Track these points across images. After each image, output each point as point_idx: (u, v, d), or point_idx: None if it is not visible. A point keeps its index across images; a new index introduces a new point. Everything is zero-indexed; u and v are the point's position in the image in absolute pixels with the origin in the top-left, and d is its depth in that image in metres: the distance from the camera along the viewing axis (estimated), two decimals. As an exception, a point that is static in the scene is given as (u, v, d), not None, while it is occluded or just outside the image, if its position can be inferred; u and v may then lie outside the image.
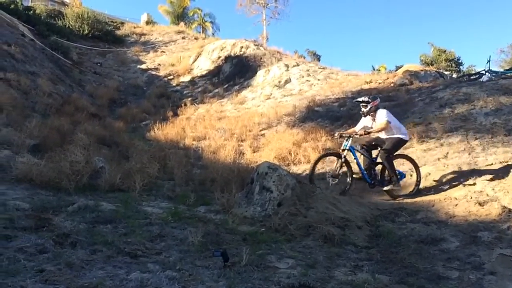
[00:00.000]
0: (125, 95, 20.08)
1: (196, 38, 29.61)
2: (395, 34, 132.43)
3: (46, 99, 13.46)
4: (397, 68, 25.39)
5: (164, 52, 26.62)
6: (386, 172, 7.57)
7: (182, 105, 17.45)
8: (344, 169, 7.46)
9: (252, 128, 12.59)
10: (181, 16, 39.83)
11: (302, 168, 9.20)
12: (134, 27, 32.34)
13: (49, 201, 5.98)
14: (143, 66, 24.19)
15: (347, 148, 7.41)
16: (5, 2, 25.09)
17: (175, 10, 39.62)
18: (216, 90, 19.41)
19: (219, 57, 22.52)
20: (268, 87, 17.64)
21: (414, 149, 9.16)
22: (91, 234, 4.80)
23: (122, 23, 32.97)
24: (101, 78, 22.12)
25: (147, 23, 35.71)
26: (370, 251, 5.05)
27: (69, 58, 22.44)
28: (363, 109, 7.50)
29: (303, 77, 17.98)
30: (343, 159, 7.32)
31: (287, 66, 19.09)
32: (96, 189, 7.06)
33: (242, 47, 22.45)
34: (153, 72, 23.32)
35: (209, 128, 13.12)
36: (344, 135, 7.72)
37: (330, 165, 8.36)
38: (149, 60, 25.14)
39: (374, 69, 31.31)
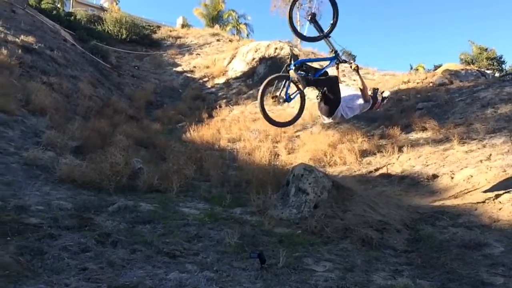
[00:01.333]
0: (162, 98, 20.44)
1: (230, 40, 29.79)
2: (433, 33, 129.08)
3: (86, 102, 13.88)
4: (436, 67, 24.69)
5: (199, 54, 26.93)
6: None
7: (217, 107, 17.60)
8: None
9: (286, 130, 12.53)
10: (215, 18, 40.19)
11: (338, 170, 9.11)
12: (170, 31, 32.88)
13: (91, 201, 6.17)
14: (179, 69, 24.55)
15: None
16: (47, 9, 26.10)
17: (209, 13, 40.03)
18: (251, 92, 19.45)
19: (253, 59, 22.56)
20: (303, 88, 17.52)
21: (454, 151, 8.89)
22: (131, 234, 4.92)
23: (159, 27, 33.57)
24: (139, 81, 22.61)
25: (183, 26, 36.26)
26: (410, 256, 4.93)
27: (108, 62, 23.05)
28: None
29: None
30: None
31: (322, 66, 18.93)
32: (135, 189, 7.22)
33: (276, 48, 22.41)
34: (189, 75, 23.63)
35: (244, 130, 13.16)
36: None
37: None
38: (185, 63, 25.48)
39: (412, 68, 30.56)
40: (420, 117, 11.11)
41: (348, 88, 6.26)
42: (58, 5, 30.64)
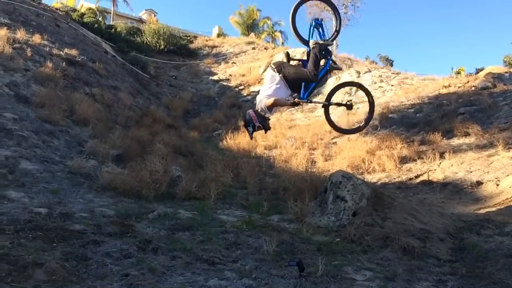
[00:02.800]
0: (198, 106, 20.77)
1: (265, 48, 29.95)
2: (475, 35, 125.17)
3: (127, 111, 14.27)
4: (478, 70, 23.88)
5: (235, 63, 27.21)
6: None
7: (253, 114, 17.67)
8: None
9: (323, 137, 12.45)
10: (251, 27, 40.54)
11: (377, 177, 8.94)
12: (206, 40, 33.42)
13: (132, 208, 6.32)
14: (215, 77, 24.89)
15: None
16: (89, 22, 27.10)
17: (245, 21, 40.43)
18: (286, 99, 19.46)
19: (289, 66, 22.57)
20: (339, 95, 17.37)
21: (499, 157, 8.54)
22: (170, 241, 4.99)
23: (195, 37, 34.20)
24: (176, 90, 23.08)
25: (218, 35, 36.81)
26: (454, 265, 4.76)
27: (147, 72, 23.66)
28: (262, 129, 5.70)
29: (375, 83, 17.51)
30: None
31: (358, 72, 18.71)
32: (173, 197, 7.34)
33: (311, 55, 22.36)
34: (225, 83, 23.91)
35: (280, 137, 13.16)
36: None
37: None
38: (221, 71, 25.81)
39: (452, 71, 29.64)
40: (462, 122, 10.77)
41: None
42: (99, 19, 31.74)
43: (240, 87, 22.93)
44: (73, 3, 34.74)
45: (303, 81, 5.41)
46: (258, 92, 17.47)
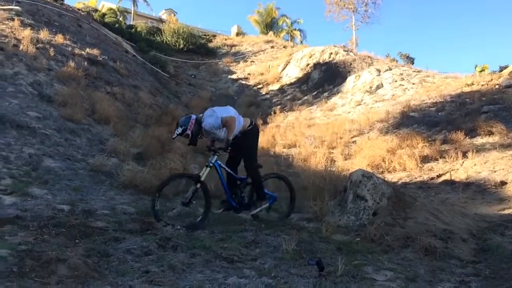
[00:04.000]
0: (217, 105, 20.81)
1: (284, 47, 29.92)
2: (498, 33, 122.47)
3: (147, 110, 14.43)
4: (502, 68, 23.38)
5: (253, 61, 27.25)
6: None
7: (272, 113, 17.68)
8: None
9: (342, 135, 12.36)
10: (269, 25, 40.53)
11: (398, 176, 8.83)
12: (225, 39, 33.56)
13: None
14: (234, 76, 24.98)
15: (212, 163, 5.73)
16: (110, 22, 27.47)
17: (263, 20, 40.43)
18: (305, 98, 19.40)
19: (308, 65, 22.50)
20: (359, 93, 17.24)
21: (525, 157, 8.34)
22: (190, 239, 5.02)
23: (214, 36, 34.38)
24: (195, 89, 23.25)
25: (237, 34, 36.89)
26: (477, 266, 4.66)
27: (166, 71, 23.90)
28: (187, 139, 5.74)
29: (396, 81, 17.30)
30: (198, 186, 5.60)
31: (378, 70, 18.52)
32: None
33: (331, 53, 22.23)
34: (243, 82, 23.97)
35: (299, 136, 13.11)
36: (213, 148, 5.84)
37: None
38: (239, 70, 25.89)
39: (475, 70, 29.14)
40: (485, 121, 10.55)
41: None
42: (120, 19, 32.13)
43: (259, 86, 22.96)
44: (95, 3, 35.24)
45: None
46: (276, 90, 17.49)
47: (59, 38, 15.62)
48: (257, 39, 33.29)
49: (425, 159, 9.41)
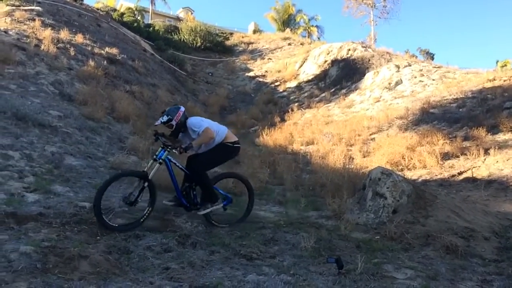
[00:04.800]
0: (234, 102, 20.90)
1: (302, 44, 29.78)
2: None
3: (165, 108, 14.50)
4: (525, 63, 22.85)
5: (270, 59, 27.20)
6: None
7: (289, 110, 17.63)
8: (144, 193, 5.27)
9: (361, 132, 12.25)
10: (286, 22, 40.41)
11: (418, 174, 8.71)
12: (242, 37, 33.57)
13: (171, 203, 6.42)
14: (251, 74, 24.97)
15: (162, 159, 5.31)
16: (129, 22, 27.75)
17: (280, 17, 40.33)
18: (323, 95, 19.28)
19: (325, 61, 22.36)
20: (377, 90, 17.05)
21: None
22: (209, 236, 5.06)
23: (231, 34, 34.43)
24: (212, 87, 23.33)
25: (254, 32, 36.87)
26: (499, 265, 4.57)
27: (184, 69, 24.04)
28: (169, 130, 5.47)
29: (415, 77, 17.06)
30: (145, 184, 5.15)
31: (397, 66, 18.28)
32: (211, 192, 7.40)
33: (349, 49, 22.04)
34: (260, 79, 23.95)
35: (317, 133, 13.05)
36: (161, 138, 5.47)
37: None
38: (257, 68, 25.86)
39: (497, 65, 28.49)
40: (508, 117, 10.32)
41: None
42: (138, 18, 32.43)
43: (276, 83, 22.90)
44: (113, 3, 35.65)
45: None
46: (294, 88, 17.42)
47: (79, 38, 15.84)
48: (274, 36, 33.22)
49: (445, 156, 9.26)
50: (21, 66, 11.27)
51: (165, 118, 5.28)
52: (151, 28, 29.22)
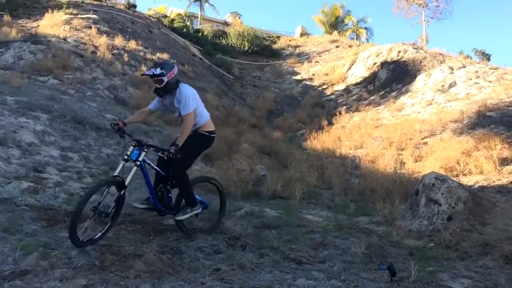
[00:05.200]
0: (281, 106, 20.92)
1: (350, 46, 29.37)
2: None
3: (213, 112, 14.74)
4: None
5: (318, 62, 27.01)
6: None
7: (337, 113, 17.41)
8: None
9: (412, 136, 11.89)
10: (334, 25, 39.99)
11: (474, 180, 8.33)
12: (289, 40, 33.57)
13: (220, 205, 6.51)
14: (298, 77, 24.90)
15: (139, 161, 4.48)
16: (179, 27, 28.46)
17: (328, 19, 39.98)
18: (372, 98, 18.90)
19: (375, 63, 21.92)
20: (430, 92, 16.49)
21: None
22: (258, 239, 5.08)
23: (278, 37, 34.51)
24: (259, 90, 23.47)
25: (301, 35, 36.79)
26: None
27: (232, 73, 24.36)
28: (157, 85, 4.73)
29: (470, 79, 16.36)
30: (122, 192, 4.40)
31: (451, 68, 17.62)
32: (259, 195, 7.47)
33: (399, 51, 21.49)
34: (308, 82, 23.83)
35: (366, 137, 12.80)
36: (128, 134, 4.69)
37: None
38: (304, 71, 25.76)
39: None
40: None
41: None
42: (188, 23, 33.17)
43: (324, 86, 22.70)
44: (164, 9, 36.67)
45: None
46: (342, 91, 17.16)
47: (132, 44, 16.44)
48: (322, 39, 32.96)
49: (504, 162, 8.80)
50: (79, 71, 11.85)
51: (158, 71, 4.60)
52: (200, 33, 29.83)
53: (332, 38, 32.24)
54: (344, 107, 18.50)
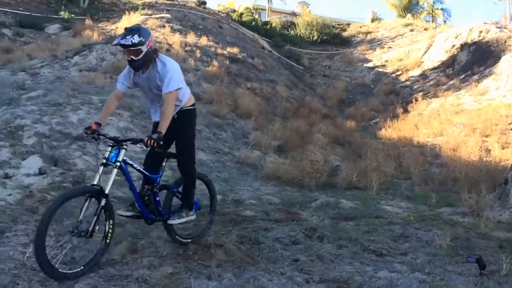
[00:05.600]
0: (353, 95, 20.45)
1: (425, 29, 27.91)
2: None
3: (284, 103, 14.81)
4: None
5: (391, 47, 25.98)
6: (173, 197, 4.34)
7: (413, 100, 16.65)
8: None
9: (498, 122, 11.08)
10: (407, 7, 38.20)
11: None
12: (360, 27, 32.59)
13: (295, 197, 6.55)
14: (370, 64, 24.14)
15: (119, 161, 3.65)
16: (247, 21, 28.74)
17: (401, 2, 38.28)
18: (451, 82, 17.84)
19: (453, 46, 20.64)
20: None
21: None
22: (335, 230, 5.02)
23: (348, 25, 33.65)
24: (330, 80, 23.09)
25: (372, 20, 35.56)
26: None
27: (301, 64, 24.19)
28: (132, 57, 3.71)
29: None
30: (103, 202, 3.52)
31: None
32: (334, 186, 7.37)
33: (480, 31, 20.05)
34: (380, 69, 23.01)
35: (446, 124, 12.12)
36: (103, 135, 3.84)
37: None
38: (376, 58, 24.91)
39: None
40: None
41: None
42: (256, 16, 33.43)
43: (397, 73, 21.80)
44: (233, 4, 37.19)
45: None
46: (417, 76, 16.38)
47: (203, 40, 16.86)
48: (394, 23, 31.62)
49: None
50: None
51: (136, 39, 3.60)
52: (268, 26, 29.91)
53: (405, 22, 30.82)
54: (421, 94, 17.63)
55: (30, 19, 18.02)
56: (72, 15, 19.62)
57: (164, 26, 17.06)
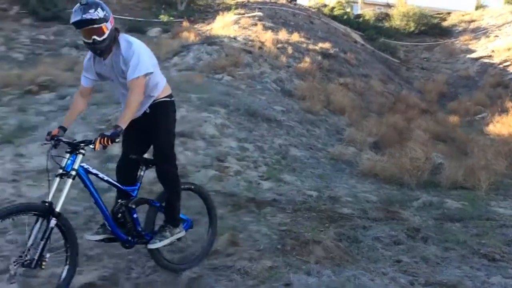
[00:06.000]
0: (455, 88, 19.12)
1: (538, 14, 25.25)
2: None
3: (379, 98, 14.28)
4: None
5: (497, 36, 23.84)
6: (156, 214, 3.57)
7: (525, 93, 15.16)
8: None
9: None
10: (517, -9, 34.78)
11: None
12: (462, 15, 30.34)
13: (394, 195, 6.28)
14: (474, 55, 22.37)
15: (75, 169, 2.95)
16: (339, 15, 28.20)
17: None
18: None
19: None
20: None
21: None
22: (440, 231, 4.73)
23: (449, 13, 31.50)
24: (428, 73, 21.83)
25: (477, 8, 32.88)
26: None
27: (396, 57, 23.16)
28: (95, 37, 2.97)
29: None
30: (52, 222, 2.80)
31: None
32: (436, 185, 6.94)
33: None
34: (486, 60, 21.22)
35: None
36: (62, 139, 3.03)
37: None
38: (480, 48, 23.03)
39: None
40: None
41: None
42: (348, 10, 32.63)
43: (506, 63, 19.94)
44: (323, -1, 36.71)
45: None
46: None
47: (295, 36, 16.83)
48: (502, 10, 28.92)
49: None
50: (248, 67, 12.63)
51: (100, 13, 2.94)
52: (361, 19, 29.04)
53: (515, 7, 28.12)
54: (535, 85, 16.00)
55: (136, 24, 19.36)
56: (171, 18, 20.70)
57: (256, 24, 17.33)
